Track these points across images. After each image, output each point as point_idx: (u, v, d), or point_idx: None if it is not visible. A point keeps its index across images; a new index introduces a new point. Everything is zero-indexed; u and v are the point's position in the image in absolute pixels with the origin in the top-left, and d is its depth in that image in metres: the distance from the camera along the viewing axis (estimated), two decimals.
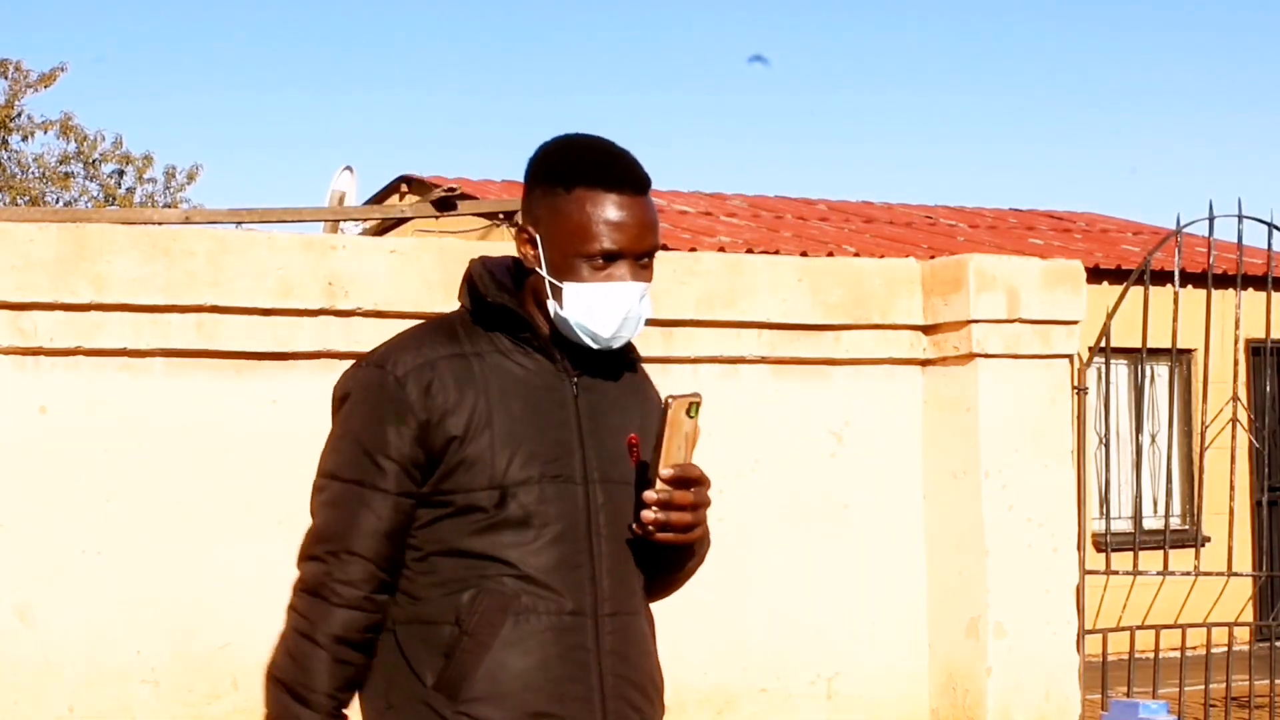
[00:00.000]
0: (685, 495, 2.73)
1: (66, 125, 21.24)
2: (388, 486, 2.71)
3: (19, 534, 5.16)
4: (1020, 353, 6.31)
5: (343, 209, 10.07)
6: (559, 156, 2.78)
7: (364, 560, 2.71)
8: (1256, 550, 13.35)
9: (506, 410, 2.73)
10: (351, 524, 2.73)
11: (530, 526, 2.71)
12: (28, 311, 5.18)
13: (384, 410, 2.72)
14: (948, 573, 6.30)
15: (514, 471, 2.71)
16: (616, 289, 2.74)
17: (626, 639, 2.78)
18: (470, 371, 2.74)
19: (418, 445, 2.71)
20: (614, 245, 2.72)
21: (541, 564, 2.71)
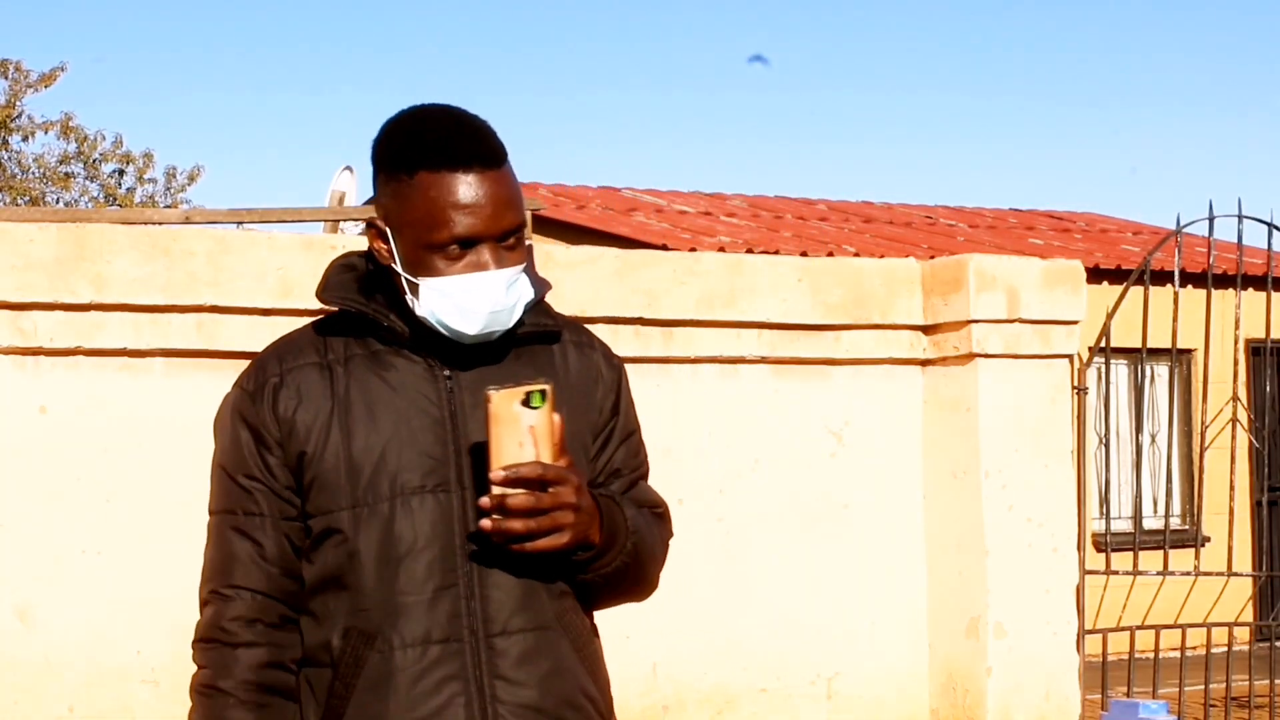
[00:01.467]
0: (522, 499, 2.37)
1: (66, 125, 21.24)
2: (259, 509, 2.50)
3: (19, 534, 5.15)
4: (1020, 353, 6.31)
5: (343, 209, 10.06)
6: (399, 138, 2.47)
7: (252, 593, 2.49)
8: (1256, 550, 13.36)
9: (367, 420, 2.48)
10: (231, 557, 2.51)
11: (393, 548, 2.45)
12: (28, 311, 5.18)
13: (240, 431, 2.54)
14: (948, 573, 6.30)
15: (370, 488, 2.46)
16: (477, 280, 2.44)
17: (525, 659, 2.47)
18: (326, 381, 2.51)
19: (280, 465, 2.50)
20: (466, 230, 2.42)
21: (405, 589, 2.44)
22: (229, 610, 2.50)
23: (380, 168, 2.50)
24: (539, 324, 2.55)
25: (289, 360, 2.57)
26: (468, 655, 2.45)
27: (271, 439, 2.51)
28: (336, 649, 2.47)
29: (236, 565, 2.50)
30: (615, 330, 5.86)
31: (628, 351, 5.90)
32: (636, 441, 2.68)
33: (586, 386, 2.59)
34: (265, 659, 2.50)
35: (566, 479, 2.40)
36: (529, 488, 2.38)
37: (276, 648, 2.50)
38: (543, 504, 2.38)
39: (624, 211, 14.75)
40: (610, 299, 5.87)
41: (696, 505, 5.89)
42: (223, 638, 2.50)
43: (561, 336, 2.59)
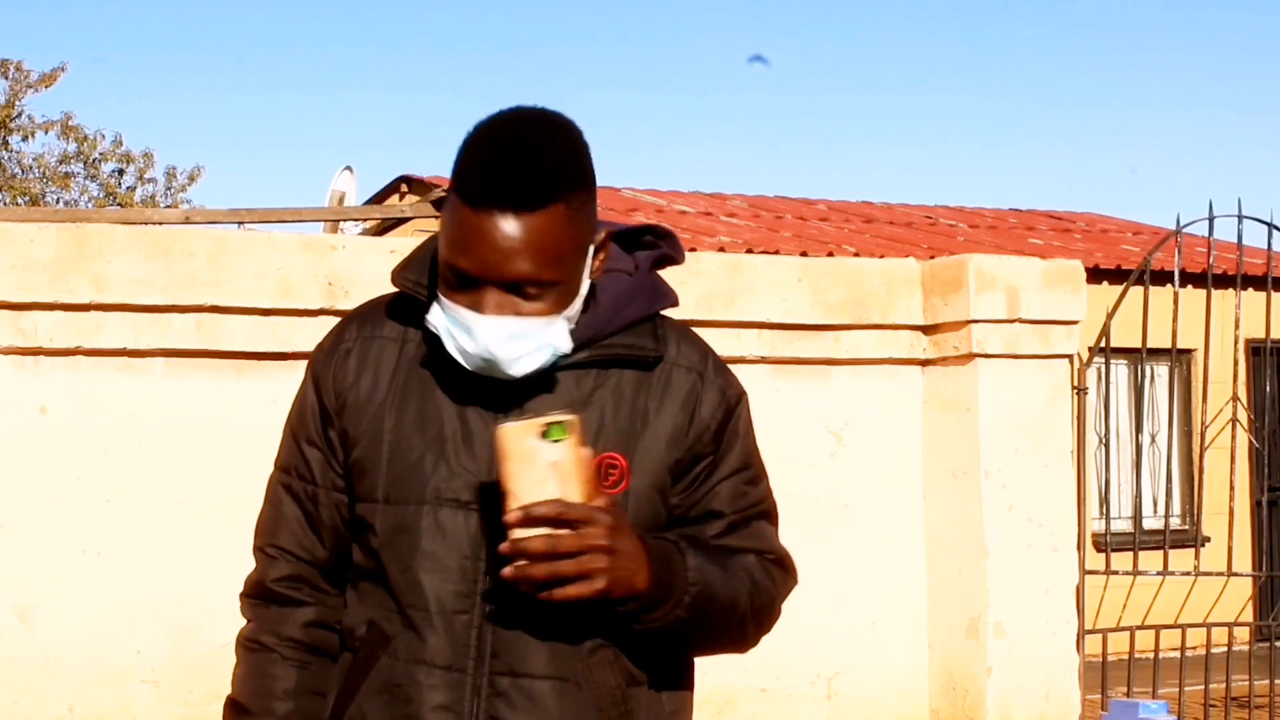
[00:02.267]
0: (540, 542, 2.17)
1: (66, 125, 21.26)
2: (312, 477, 2.40)
3: (19, 534, 5.15)
4: (1020, 353, 6.31)
5: (343, 209, 10.07)
6: (462, 149, 2.30)
7: (295, 557, 2.42)
8: (1256, 550, 13.35)
9: (418, 413, 2.33)
10: (280, 518, 2.44)
11: (414, 560, 2.31)
12: (28, 311, 5.17)
13: (308, 392, 2.43)
14: (948, 573, 6.30)
15: (405, 488, 2.33)
16: (472, 320, 2.25)
17: (527, 708, 2.29)
18: (384, 359, 2.37)
19: (338, 437, 2.39)
20: (462, 266, 2.24)
21: (419, 605, 2.31)
22: (274, 570, 2.44)
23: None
24: (630, 346, 2.37)
25: (368, 327, 2.41)
26: (468, 688, 2.30)
27: (331, 408, 2.39)
28: (360, 638, 2.38)
29: (284, 527, 2.44)
30: None
31: None
32: (749, 480, 2.43)
33: (678, 414, 2.37)
34: (310, 618, 2.43)
35: (596, 519, 2.19)
36: (551, 528, 2.18)
37: (322, 607, 2.43)
38: (565, 547, 2.18)
39: (624, 211, 14.75)
40: None
41: None
42: (267, 595, 2.45)
43: (663, 359, 2.40)
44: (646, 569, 2.25)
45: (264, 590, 2.46)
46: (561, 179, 2.25)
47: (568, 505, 2.18)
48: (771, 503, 2.49)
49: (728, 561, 2.38)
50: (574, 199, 2.27)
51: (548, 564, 2.18)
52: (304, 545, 2.43)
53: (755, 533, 2.44)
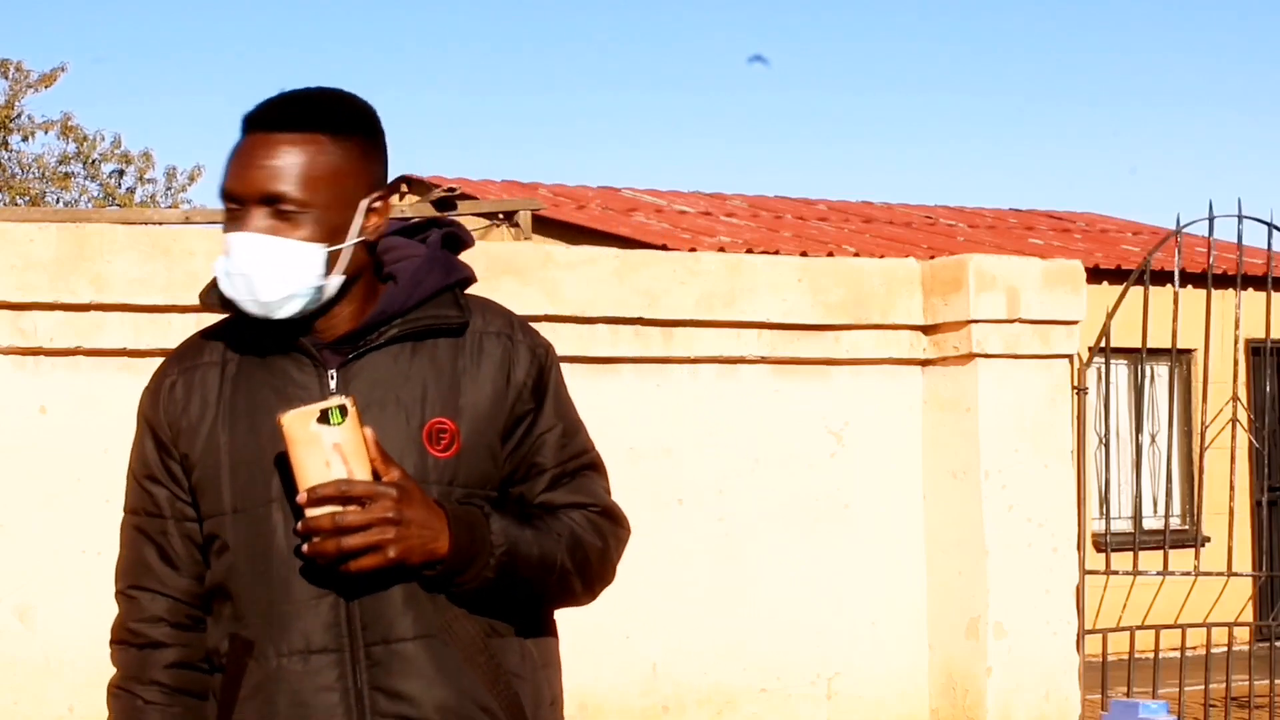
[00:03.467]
0: (325, 519, 2.28)
1: (66, 125, 21.26)
2: (160, 511, 2.46)
3: (19, 534, 5.16)
4: (1020, 353, 6.31)
5: None
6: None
7: (155, 594, 2.47)
8: (1256, 550, 13.35)
9: (247, 423, 2.41)
10: (137, 558, 2.49)
11: (270, 555, 2.38)
12: (28, 311, 5.18)
13: (142, 433, 2.49)
14: (948, 573, 6.30)
15: (247, 494, 2.40)
16: (230, 238, 2.39)
17: (408, 669, 2.38)
18: (216, 383, 2.45)
19: (178, 465, 2.46)
20: (228, 185, 2.40)
21: (282, 597, 2.38)
22: (135, 611, 2.49)
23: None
24: (437, 316, 2.44)
25: (188, 359, 2.50)
26: (347, 665, 2.38)
27: (167, 440, 2.46)
28: (224, 655, 2.44)
29: (141, 566, 2.49)
30: (615, 330, 5.86)
31: (628, 351, 5.90)
32: (567, 433, 2.51)
33: (495, 377, 2.45)
34: (174, 659, 2.48)
35: (380, 494, 2.30)
36: (339, 506, 2.29)
37: (185, 647, 2.48)
38: (349, 522, 2.28)
39: (624, 211, 14.75)
40: (610, 299, 5.87)
41: (696, 505, 5.89)
42: (131, 639, 2.50)
43: (468, 328, 2.47)
44: (446, 535, 2.34)
45: (127, 633, 2.50)
46: (325, 114, 2.42)
47: (350, 483, 2.28)
48: (595, 455, 2.57)
49: (543, 521, 2.46)
50: (340, 139, 2.42)
51: (335, 539, 2.29)
52: (162, 580, 2.48)
53: (581, 486, 2.52)
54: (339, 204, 2.40)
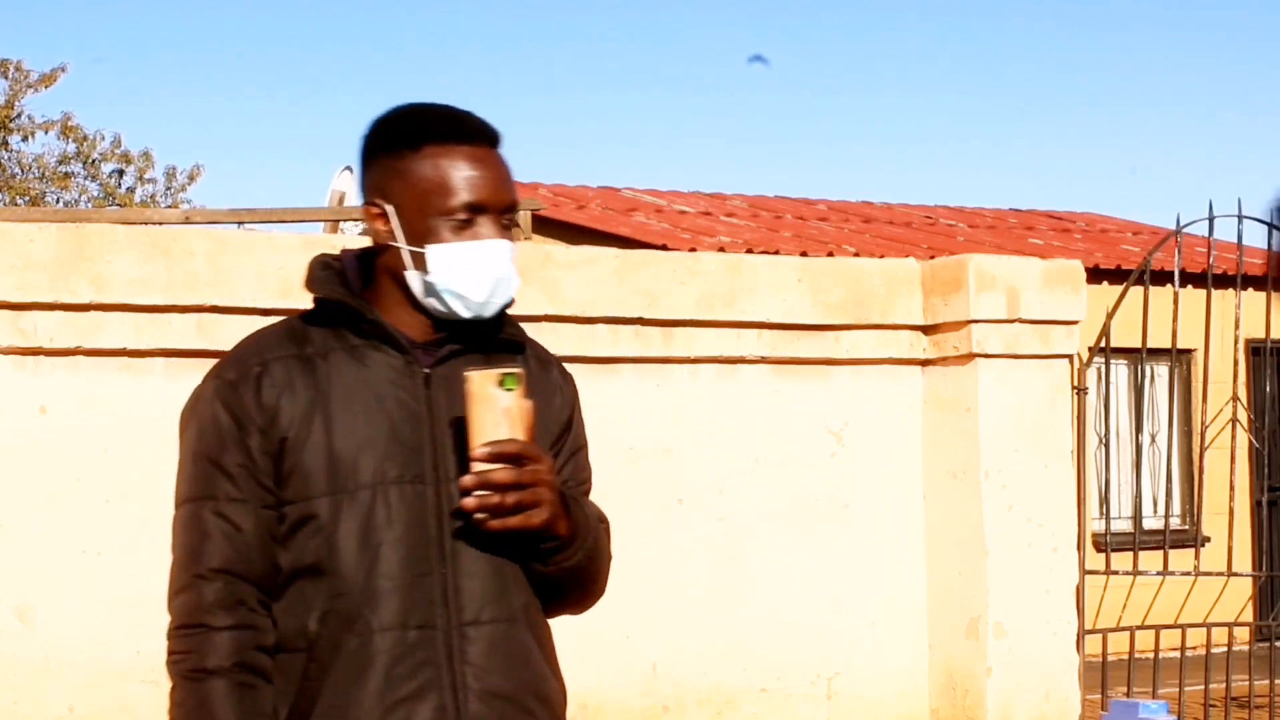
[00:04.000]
0: (504, 473, 2.44)
1: (66, 125, 21.24)
2: (237, 495, 2.53)
3: (19, 534, 5.15)
4: (1020, 353, 6.31)
5: (343, 209, 10.06)
6: (399, 122, 2.58)
7: (231, 576, 2.54)
8: (1256, 550, 13.35)
9: (346, 411, 2.53)
10: (208, 542, 2.55)
11: (372, 536, 2.50)
12: (28, 311, 5.17)
13: (221, 418, 2.55)
14: (948, 573, 6.30)
15: (351, 477, 2.51)
16: (485, 247, 2.53)
17: (494, 649, 2.52)
18: (308, 372, 2.55)
19: (260, 451, 2.53)
20: (475, 197, 2.52)
21: (385, 575, 2.49)
22: (210, 594, 2.55)
23: (378, 150, 2.58)
24: (509, 334, 2.63)
25: (269, 351, 2.59)
26: (440, 642, 2.50)
27: (254, 426, 2.53)
28: (313, 633, 2.51)
29: (216, 550, 2.55)
30: (615, 330, 5.86)
31: (628, 351, 5.90)
32: (584, 457, 2.72)
33: (545, 399, 2.61)
34: (249, 642, 2.53)
35: (543, 458, 2.48)
36: (508, 464, 2.44)
37: (256, 630, 2.54)
38: (523, 479, 2.44)
39: (624, 211, 14.75)
40: (610, 299, 5.87)
41: (696, 505, 5.89)
42: (208, 620, 2.55)
43: (525, 349, 2.65)
44: (565, 513, 2.53)
45: (203, 615, 2.57)
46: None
47: (525, 444, 2.46)
48: (592, 479, 2.77)
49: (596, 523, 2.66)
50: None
51: (502, 494, 2.44)
52: (237, 564, 2.55)
53: (591, 502, 2.70)
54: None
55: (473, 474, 2.44)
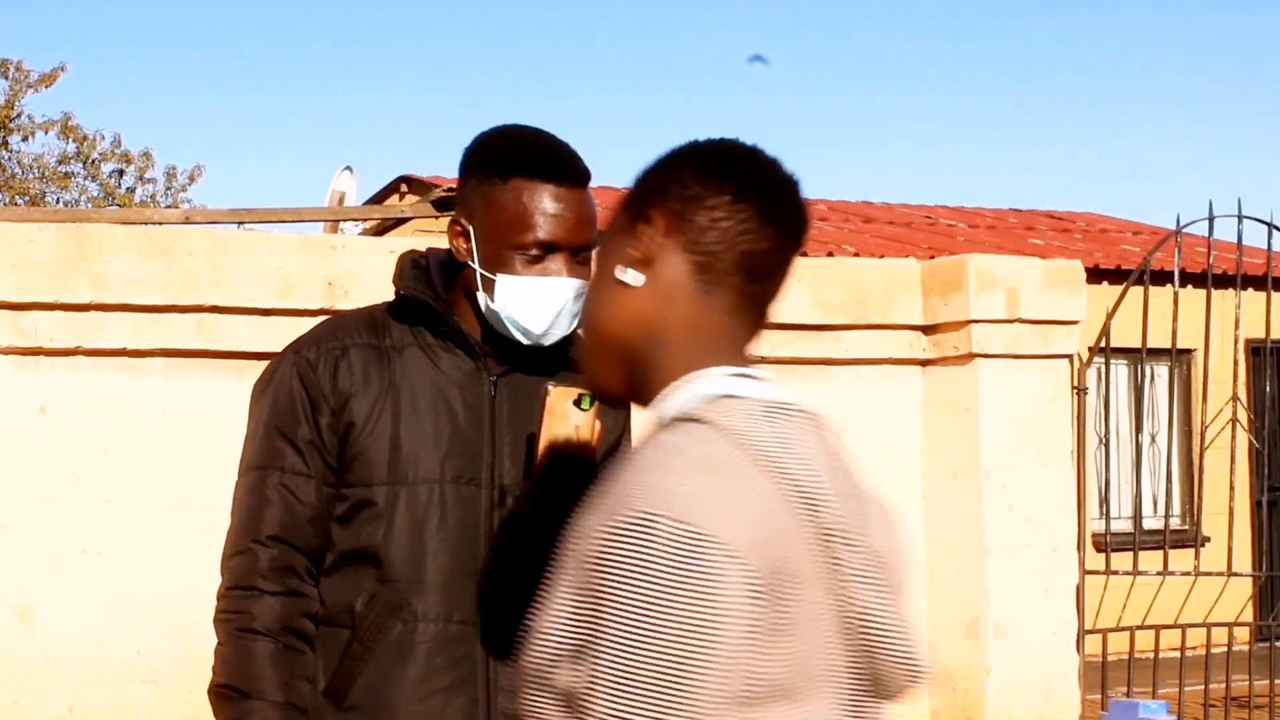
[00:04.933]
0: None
1: (66, 125, 21.24)
2: (303, 469, 2.64)
3: (19, 534, 5.15)
4: (1020, 353, 6.31)
5: (343, 209, 10.07)
6: (497, 147, 2.68)
7: (286, 546, 2.64)
8: (1256, 550, 13.35)
9: (413, 406, 2.63)
10: (269, 510, 2.66)
11: (424, 530, 2.60)
12: (28, 311, 5.17)
13: (295, 394, 2.65)
14: (947, 572, 6.30)
15: (411, 470, 2.61)
16: (551, 284, 2.63)
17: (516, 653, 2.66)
18: (382, 363, 2.65)
19: (329, 430, 2.63)
20: (549, 236, 2.62)
21: (433, 569, 2.60)
22: (264, 560, 2.64)
23: (473, 171, 2.68)
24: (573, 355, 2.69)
25: (349, 337, 2.68)
26: (481, 638, 2.60)
27: (326, 405, 2.62)
28: (359, 614, 2.61)
29: (275, 518, 2.64)
30: None
31: None
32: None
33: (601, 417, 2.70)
34: (296, 608, 2.63)
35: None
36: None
37: (304, 599, 2.64)
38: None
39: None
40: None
41: None
42: (260, 584, 2.63)
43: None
44: None
45: (256, 579, 2.65)
46: (585, 169, 2.69)
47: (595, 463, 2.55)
48: None
49: None
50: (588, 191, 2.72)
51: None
52: (294, 534, 2.64)
53: None
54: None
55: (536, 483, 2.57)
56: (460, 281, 2.69)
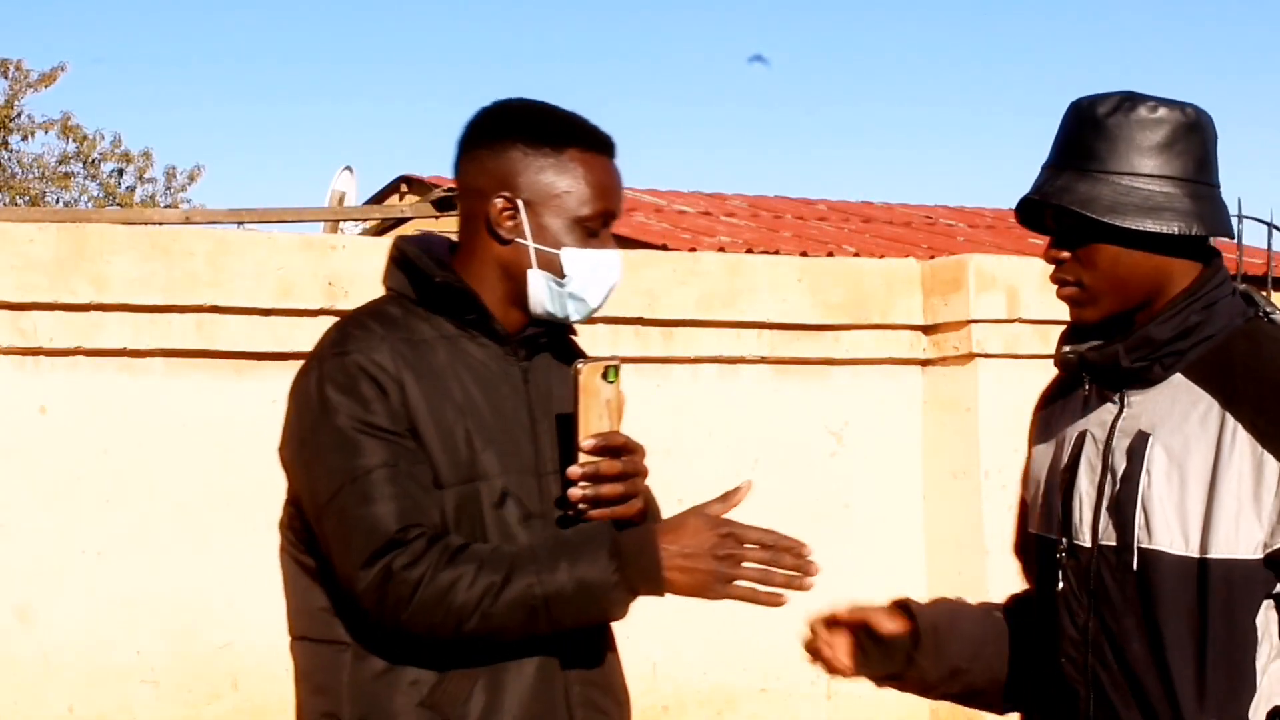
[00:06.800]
0: (613, 464, 2.50)
1: (66, 125, 21.23)
2: (411, 457, 2.46)
3: (19, 534, 5.15)
4: (1020, 353, 6.31)
5: (343, 209, 10.07)
6: (539, 119, 2.59)
7: (415, 527, 2.45)
8: None
9: (459, 401, 2.51)
10: (408, 501, 2.45)
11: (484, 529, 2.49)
12: (28, 311, 5.17)
13: (367, 390, 2.46)
14: (948, 573, 6.30)
15: (465, 468, 2.49)
16: (611, 256, 2.62)
17: (589, 642, 2.59)
18: (421, 357, 2.51)
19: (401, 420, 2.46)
20: (610, 207, 2.61)
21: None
22: (415, 545, 2.43)
23: (513, 138, 2.56)
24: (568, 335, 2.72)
25: (399, 330, 2.53)
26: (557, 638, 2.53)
27: (395, 397, 2.47)
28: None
29: (415, 508, 2.44)
30: (615, 330, 5.86)
31: (628, 351, 5.90)
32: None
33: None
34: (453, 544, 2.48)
35: (640, 449, 2.55)
36: (616, 457, 2.50)
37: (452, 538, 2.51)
38: (626, 470, 2.52)
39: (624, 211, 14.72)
40: (611, 299, 5.87)
41: None
42: (410, 557, 2.43)
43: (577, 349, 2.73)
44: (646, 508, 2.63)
45: (402, 559, 2.43)
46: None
47: (627, 437, 2.52)
48: None
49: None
50: None
51: (613, 485, 2.50)
52: (416, 518, 2.45)
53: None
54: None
55: (581, 465, 2.48)
56: (490, 262, 2.56)
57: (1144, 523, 2.42)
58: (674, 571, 2.48)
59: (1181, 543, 2.39)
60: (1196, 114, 2.53)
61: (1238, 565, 2.36)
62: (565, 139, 2.56)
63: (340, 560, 2.46)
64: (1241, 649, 2.38)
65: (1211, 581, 2.37)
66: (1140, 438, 2.46)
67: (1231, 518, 2.36)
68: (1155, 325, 2.48)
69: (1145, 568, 2.41)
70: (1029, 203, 2.56)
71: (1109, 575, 2.47)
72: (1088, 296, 2.57)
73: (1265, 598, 2.39)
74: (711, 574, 2.55)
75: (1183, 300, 2.47)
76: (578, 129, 2.59)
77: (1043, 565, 2.76)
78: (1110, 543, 2.47)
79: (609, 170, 2.60)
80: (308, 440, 2.51)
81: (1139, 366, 2.49)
